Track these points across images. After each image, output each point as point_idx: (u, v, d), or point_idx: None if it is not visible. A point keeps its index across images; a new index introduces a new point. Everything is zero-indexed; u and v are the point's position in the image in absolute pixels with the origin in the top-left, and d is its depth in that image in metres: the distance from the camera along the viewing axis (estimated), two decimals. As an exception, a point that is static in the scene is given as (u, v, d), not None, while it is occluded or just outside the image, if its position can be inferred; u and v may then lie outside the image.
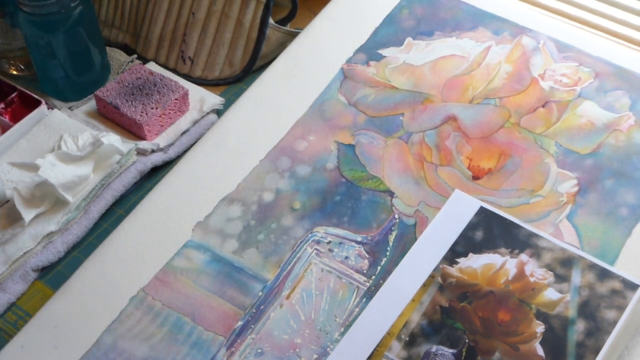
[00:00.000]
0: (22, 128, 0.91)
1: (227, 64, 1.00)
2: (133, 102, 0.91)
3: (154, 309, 0.73)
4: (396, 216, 0.78)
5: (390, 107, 0.86)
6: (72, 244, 0.83)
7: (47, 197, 0.83)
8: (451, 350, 0.67)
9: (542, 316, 0.68)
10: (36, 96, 0.93)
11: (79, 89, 0.96)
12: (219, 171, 0.83)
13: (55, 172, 0.82)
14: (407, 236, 0.76)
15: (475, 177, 0.80)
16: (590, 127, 0.82)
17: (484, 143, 0.82)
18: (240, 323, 0.72)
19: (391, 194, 0.79)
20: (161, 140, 0.91)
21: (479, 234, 0.74)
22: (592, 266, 0.70)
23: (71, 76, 0.95)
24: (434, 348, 0.68)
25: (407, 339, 0.69)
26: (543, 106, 0.84)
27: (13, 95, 0.94)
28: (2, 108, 0.93)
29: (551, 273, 0.71)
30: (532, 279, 0.70)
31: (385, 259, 0.75)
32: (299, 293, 0.73)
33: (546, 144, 0.81)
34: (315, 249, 0.76)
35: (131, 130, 0.92)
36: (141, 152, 0.90)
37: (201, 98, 0.95)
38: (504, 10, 0.93)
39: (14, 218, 0.82)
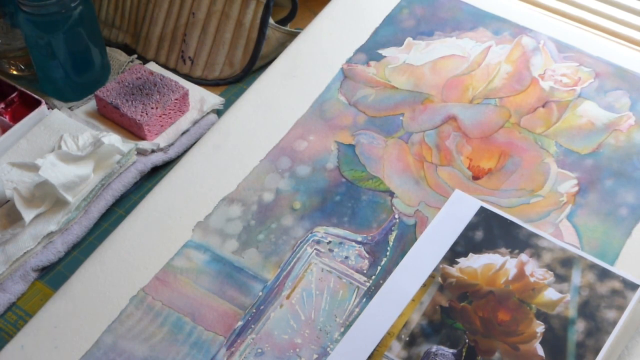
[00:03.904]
0: (22, 128, 0.91)
1: (227, 64, 1.00)
2: (133, 102, 0.91)
3: (154, 309, 0.73)
4: (396, 216, 0.78)
5: (390, 107, 0.86)
6: (72, 244, 0.83)
7: (47, 197, 0.83)
8: (451, 350, 0.67)
9: (542, 316, 0.68)
10: (36, 96, 0.93)
11: (79, 89, 0.96)
12: (219, 171, 0.83)
13: (55, 172, 0.82)
14: (407, 236, 0.76)
15: (475, 177, 0.80)
16: (590, 127, 0.82)
17: (484, 143, 0.82)
18: (240, 323, 0.72)
19: (391, 194, 0.79)
20: (161, 140, 0.91)
21: (479, 234, 0.74)
22: (592, 266, 0.70)
23: (71, 76, 0.95)
24: (434, 348, 0.68)
25: (407, 339, 0.69)
26: (543, 106, 0.84)
27: (13, 95, 0.94)
28: (2, 108, 0.93)
29: (551, 273, 0.71)
30: (532, 279, 0.70)
31: (385, 259, 0.75)
32: (299, 293, 0.73)
33: (546, 144, 0.81)
34: (315, 249, 0.76)
35: (131, 130, 0.92)
36: (141, 152, 0.90)
37: (201, 98, 0.95)
38: (504, 10, 0.93)
39: (14, 218, 0.82)
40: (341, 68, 0.90)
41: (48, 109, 0.94)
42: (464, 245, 0.73)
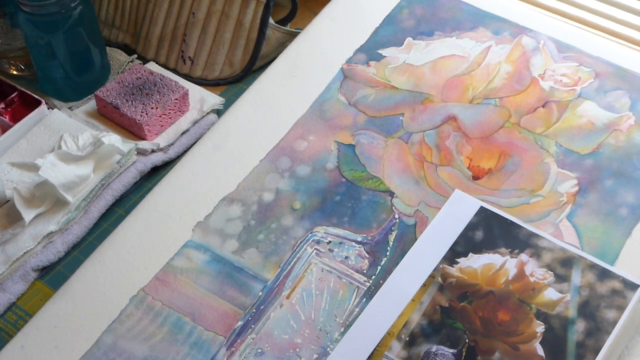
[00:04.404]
0: (22, 128, 0.91)
1: (227, 64, 1.00)
2: (133, 102, 0.91)
3: (154, 309, 0.73)
4: (396, 216, 0.78)
5: (390, 107, 0.86)
6: (72, 244, 0.83)
7: (47, 197, 0.83)
8: (451, 350, 0.67)
9: (542, 316, 0.68)
10: (36, 96, 0.93)
11: (79, 89, 0.96)
12: (219, 171, 0.83)
13: (55, 172, 0.82)
14: (407, 236, 0.76)
15: (475, 177, 0.80)
16: (590, 127, 0.82)
17: (484, 143, 0.82)
18: (240, 323, 0.72)
19: (391, 194, 0.79)
20: (161, 140, 0.91)
21: (479, 234, 0.74)
22: (592, 266, 0.70)
23: (71, 76, 0.95)
24: (434, 348, 0.68)
25: (407, 339, 0.69)
26: (543, 106, 0.84)
27: (13, 95, 0.94)
28: (2, 108, 0.93)
29: (551, 273, 0.71)
30: (532, 279, 0.70)
31: (385, 259, 0.75)
32: (299, 293, 0.73)
33: (546, 144, 0.81)
34: (315, 249, 0.76)
35: (131, 130, 0.92)
36: (141, 152, 0.90)
37: (201, 98, 0.95)
38: (504, 10, 0.93)
39: (14, 218, 0.82)
40: (341, 68, 0.90)
41: (48, 109, 0.94)
42: (464, 245, 0.73)
